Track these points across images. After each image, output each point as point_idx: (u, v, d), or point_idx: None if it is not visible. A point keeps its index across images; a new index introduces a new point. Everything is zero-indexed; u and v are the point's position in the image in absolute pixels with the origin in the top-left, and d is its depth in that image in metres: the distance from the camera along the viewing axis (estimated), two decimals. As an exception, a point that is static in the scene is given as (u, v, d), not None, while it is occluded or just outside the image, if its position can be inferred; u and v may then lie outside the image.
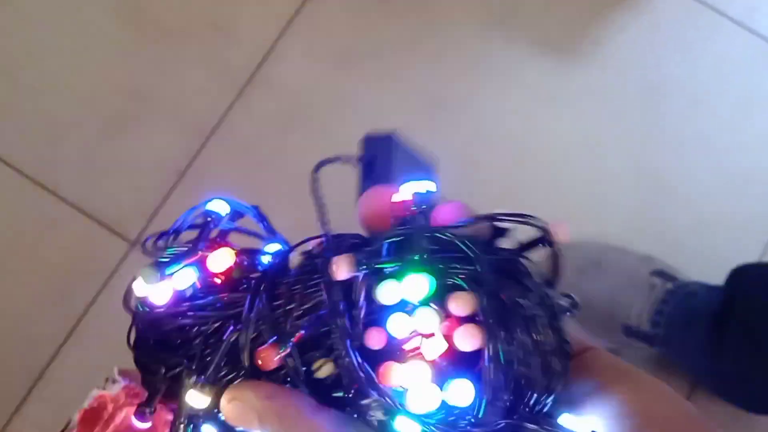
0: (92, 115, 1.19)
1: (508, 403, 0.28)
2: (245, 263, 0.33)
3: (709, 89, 1.21)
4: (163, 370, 0.33)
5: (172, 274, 0.31)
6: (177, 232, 0.34)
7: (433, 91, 1.21)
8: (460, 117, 1.20)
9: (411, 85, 1.21)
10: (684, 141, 1.19)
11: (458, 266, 0.29)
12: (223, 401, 0.29)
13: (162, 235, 0.34)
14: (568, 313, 0.32)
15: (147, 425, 0.33)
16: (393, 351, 0.28)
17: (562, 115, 1.20)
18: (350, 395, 0.29)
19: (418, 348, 0.28)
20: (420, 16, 1.23)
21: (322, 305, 0.29)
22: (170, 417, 0.33)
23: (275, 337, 0.29)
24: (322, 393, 0.29)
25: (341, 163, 0.34)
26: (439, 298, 0.28)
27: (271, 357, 0.28)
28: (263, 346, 0.29)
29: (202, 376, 0.31)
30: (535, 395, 0.29)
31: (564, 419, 0.30)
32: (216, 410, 0.30)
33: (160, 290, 0.32)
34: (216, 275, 0.32)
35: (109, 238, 1.14)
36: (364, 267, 0.28)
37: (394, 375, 0.27)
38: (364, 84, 1.21)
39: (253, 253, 0.34)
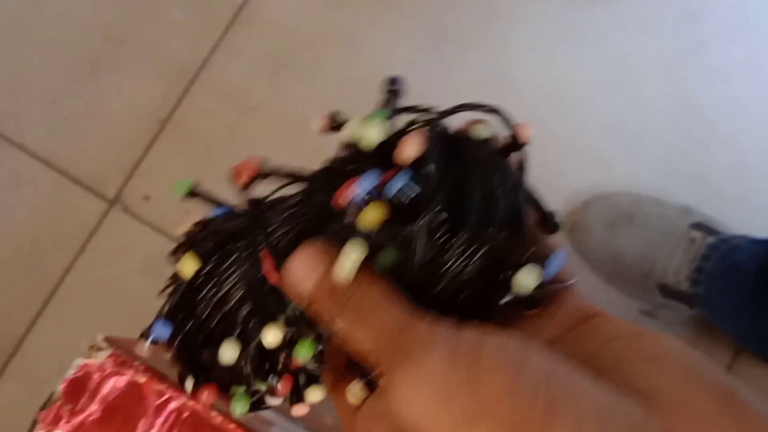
0: (60, 59, 1.19)
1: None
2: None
3: (754, 13, 1.20)
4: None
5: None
6: None
7: (441, 25, 1.20)
8: (472, 53, 1.20)
9: (417, 17, 1.21)
10: (726, 72, 1.19)
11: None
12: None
13: None
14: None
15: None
16: None
17: (588, 48, 1.20)
18: None
19: None
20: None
21: None
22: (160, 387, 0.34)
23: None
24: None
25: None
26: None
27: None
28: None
29: None
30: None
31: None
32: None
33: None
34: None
35: (85, 196, 1.15)
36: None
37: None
38: (364, 17, 1.20)
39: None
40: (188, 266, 0.34)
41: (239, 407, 0.35)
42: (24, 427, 0.62)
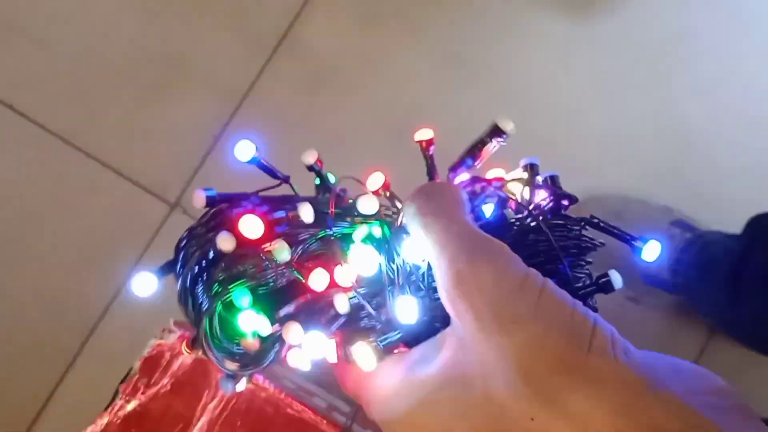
0: (130, 83, 1.22)
1: None
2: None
3: (731, 35, 1.22)
4: None
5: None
6: None
7: (455, 48, 1.23)
8: (483, 72, 1.22)
9: (434, 42, 1.23)
10: (705, 88, 1.20)
11: None
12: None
13: None
14: None
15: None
16: None
17: (582, 66, 1.22)
18: None
19: None
20: (442, -24, 1.24)
21: None
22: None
23: None
24: None
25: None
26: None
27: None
28: None
29: None
30: None
31: None
32: None
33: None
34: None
35: (151, 200, 1.19)
36: None
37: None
38: (391, 42, 1.23)
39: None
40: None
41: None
42: (101, 399, 0.65)
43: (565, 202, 0.40)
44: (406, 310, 0.34)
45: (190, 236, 0.41)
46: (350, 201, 0.40)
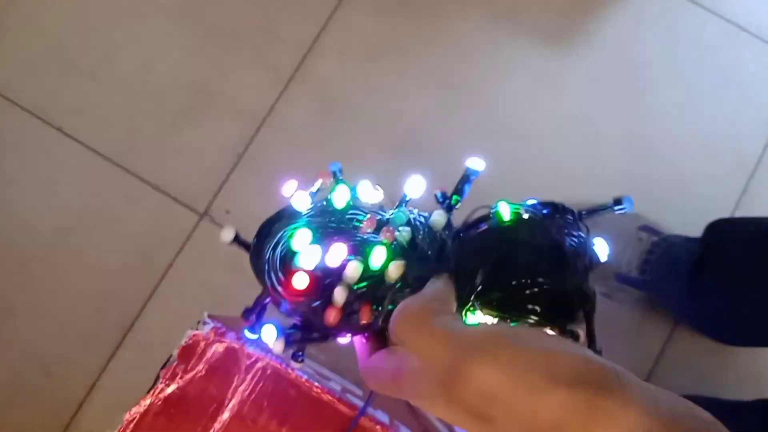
0: (163, 107, 1.22)
1: None
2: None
3: (688, 68, 1.22)
4: None
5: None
6: None
7: (448, 79, 1.23)
8: (473, 99, 1.22)
9: (429, 74, 1.23)
10: (667, 113, 1.21)
11: None
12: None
13: None
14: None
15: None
16: None
17: (560, 95, 1.22)
18: None
19: None
20: (435, 15, 1.25)
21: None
22: (251, 351, 0.36)
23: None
24: None
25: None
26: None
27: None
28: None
29: None
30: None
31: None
32: None
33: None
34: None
35: (182, 210, 1.18)
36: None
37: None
38: (392, 72, 1.23)
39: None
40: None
41: None
42: (140, 386, 0.65)
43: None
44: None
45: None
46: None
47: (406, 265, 0.36)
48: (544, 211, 0.38)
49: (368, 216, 0.38)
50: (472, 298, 0.34)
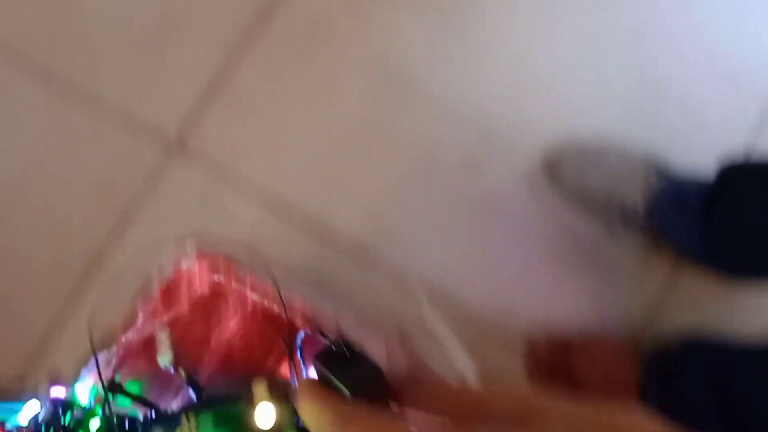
0: (126, 33, 1.19)
1: None
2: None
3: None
4: None
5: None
6: None
7: (448, 11, 1.19)
8: (472, 34, 1.18)
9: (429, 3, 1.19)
10: (679, 39, 1.16)
11: None
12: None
13: None
14: None
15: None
16: None
17: (564, 24, 1.18)
18: None
19: None
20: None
21: None
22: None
23: None
24: None
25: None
26: None
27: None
28: None
29: None
30: None
31: None
32: None
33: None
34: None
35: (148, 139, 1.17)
36: None
37: None
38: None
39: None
40: None
41: None
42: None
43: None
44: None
45: None
46: None
47: None
48: None
49: None
50: None
